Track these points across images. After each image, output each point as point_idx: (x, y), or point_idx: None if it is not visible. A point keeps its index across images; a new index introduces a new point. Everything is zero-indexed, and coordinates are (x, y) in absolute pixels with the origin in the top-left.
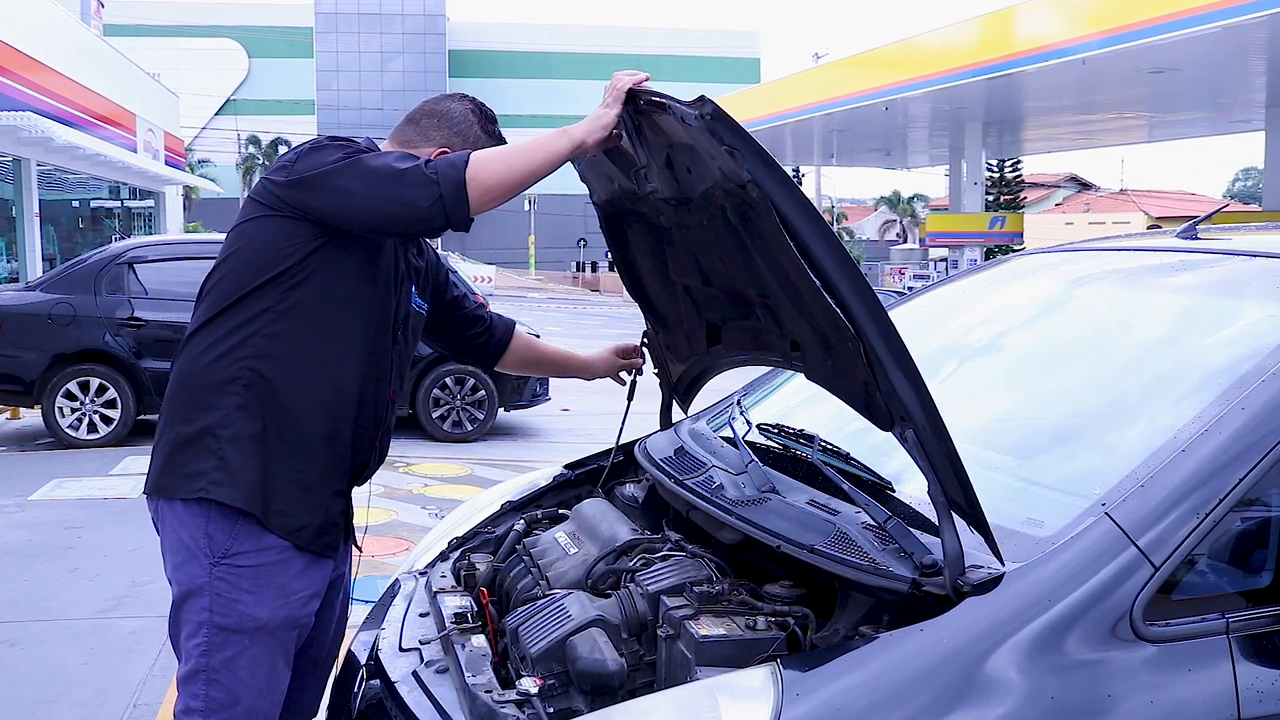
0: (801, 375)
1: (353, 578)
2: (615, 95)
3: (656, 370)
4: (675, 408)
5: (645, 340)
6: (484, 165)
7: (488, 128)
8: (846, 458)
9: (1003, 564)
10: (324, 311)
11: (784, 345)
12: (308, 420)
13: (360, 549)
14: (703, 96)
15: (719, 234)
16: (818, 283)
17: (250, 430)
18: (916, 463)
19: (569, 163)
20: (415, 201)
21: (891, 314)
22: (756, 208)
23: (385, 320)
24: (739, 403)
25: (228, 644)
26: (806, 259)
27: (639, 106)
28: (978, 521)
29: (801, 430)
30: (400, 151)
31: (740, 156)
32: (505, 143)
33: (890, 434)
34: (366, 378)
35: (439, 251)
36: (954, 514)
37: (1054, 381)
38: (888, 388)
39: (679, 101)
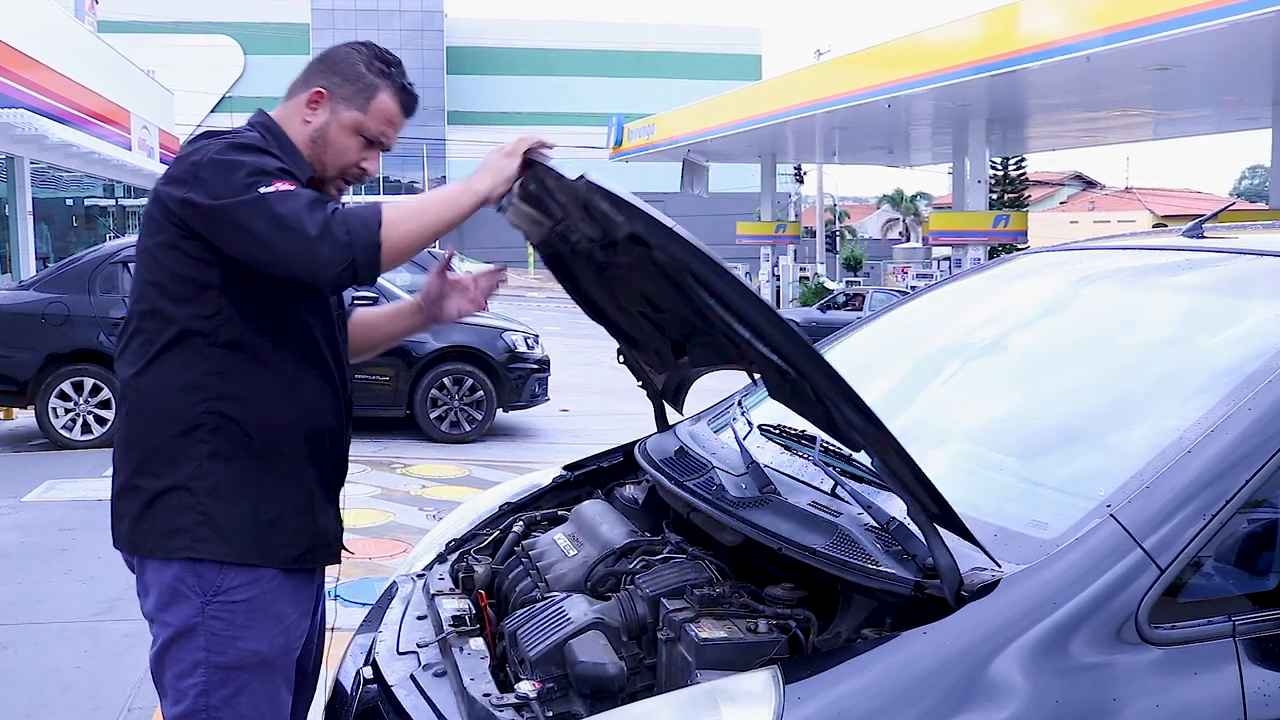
0: None
1: (327, 583)
2: (513, 148)
3: (641, 384)
4: (671, 411)
5: (621, 358)
6: (396, 227)
7: (374, 66)
8: (848, 459)
9: (998, 566)
10: (269, 332)
11: (745, 364)
12: (289, 446)
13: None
14: (582, 174)
15: (650, 272)
16: (746, 334)
17: (229, 477)
18: (889, 487)
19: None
20: (325, 263)
21: (894, 313)
22: (673, 263)
23: (329, 319)
24: (740, 403)
25: (228, 681)
26: (731, 311)
27: (536, 172)
28: (957, 527)
29: (803, 431)
30: (311, 194)
31: (638, 223)
32: (398, 82)
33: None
34: (328, 383)
35: (436, 251)
36: (938, 526)
37: (1058, 382)
38: (842, 419)
39: (564, 175)
